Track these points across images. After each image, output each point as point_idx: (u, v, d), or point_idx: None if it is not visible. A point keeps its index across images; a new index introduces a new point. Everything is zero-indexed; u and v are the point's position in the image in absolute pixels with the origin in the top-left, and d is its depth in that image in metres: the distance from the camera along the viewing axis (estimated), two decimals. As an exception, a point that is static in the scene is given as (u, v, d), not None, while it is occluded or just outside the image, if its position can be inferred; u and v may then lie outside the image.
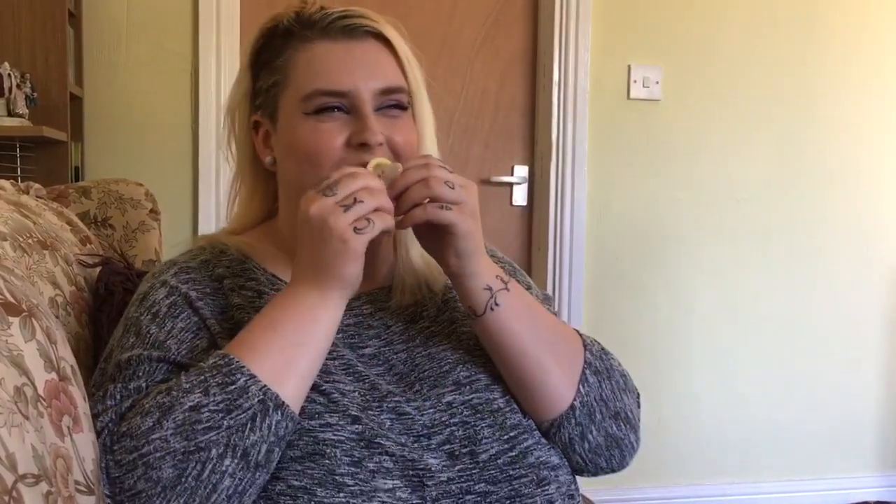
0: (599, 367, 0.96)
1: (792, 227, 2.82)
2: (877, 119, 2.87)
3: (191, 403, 0.78)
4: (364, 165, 0.88)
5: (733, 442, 2.81)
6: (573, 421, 0.92)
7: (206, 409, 0.78)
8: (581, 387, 0.93)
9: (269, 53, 0.94)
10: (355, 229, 0.80)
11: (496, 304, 0.89)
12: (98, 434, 0.80)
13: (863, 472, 2.90)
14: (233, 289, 0.93)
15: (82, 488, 0.71)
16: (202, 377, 0.79)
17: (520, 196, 2.77)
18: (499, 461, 0.87)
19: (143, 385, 0.84)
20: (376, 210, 0.81)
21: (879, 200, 2.88)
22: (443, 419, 0.87)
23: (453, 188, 0.84)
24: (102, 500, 0.75)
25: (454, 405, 0.89)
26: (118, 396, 0.83)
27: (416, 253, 0.97)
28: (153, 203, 1.39)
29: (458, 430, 0.87)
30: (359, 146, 0.88)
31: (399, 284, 0.97)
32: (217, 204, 2.48)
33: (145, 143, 2.44)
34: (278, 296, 0.85)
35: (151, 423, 0.78)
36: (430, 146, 0.96)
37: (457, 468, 0.85)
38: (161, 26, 2.43)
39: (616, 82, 2.69)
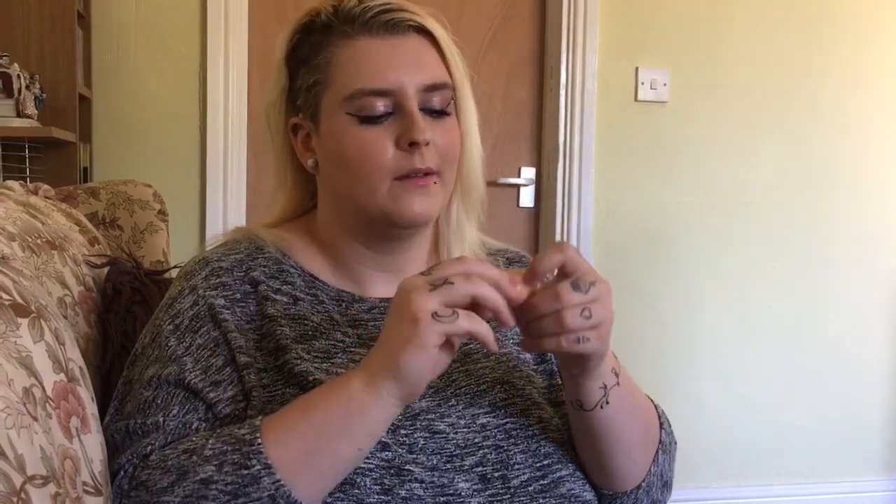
0: (667, 443, 0.93)
1: (799, 230, 2.82)
2: (885, 122, 2.86)
3: (203, 475, 0.75)
4: (416, 169, 0.85)
5: (739, 445, 2.81)
6: (633, 498, 0.91)
7: (214, 487, 0.74)
8: (652, 467, 0.91)
9: (307, 50, 0.91)
10: (434, 314, 0.71)
11: (607, 403, 0.83)
12: (114, 474, 0.79)
13: (869, 476, 2.89)
14: (267, 297, 0.89)
15: (90, 489, 0.71)
16: (224, 448, 0.76)
17: (527, 198, 2.77)
18: (530, 488, 0.84)
19: (161, 420, 0.82)
20: (471, 303, 0.72)
21: (887, 204, 2.87)
22: (476, 440, 0.85)
23: (590, 316, 0.74)
24: (110, 501, 0.75)
25: (488, 427, 0.86)
26: (139, 432, 0.82)
27: (458, 253, 0.95)
28: (161, 204, 1.39)
29: (491, 454, 0.84)
30: (408, 147, 0.85)
31: None
32: (224, 205, 2.48)
33: (153, 144, 2.45)
34: (337, 378, 0.78)
35: (166, 485, 0.76)
36: (474, 143, 0.93)
37: (488, 493, 0.82)
38: (169, 27, 2.44)
39: (623, 84, 2.68)
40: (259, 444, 0.74)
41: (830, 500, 2.83)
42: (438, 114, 0.89)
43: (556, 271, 0.76)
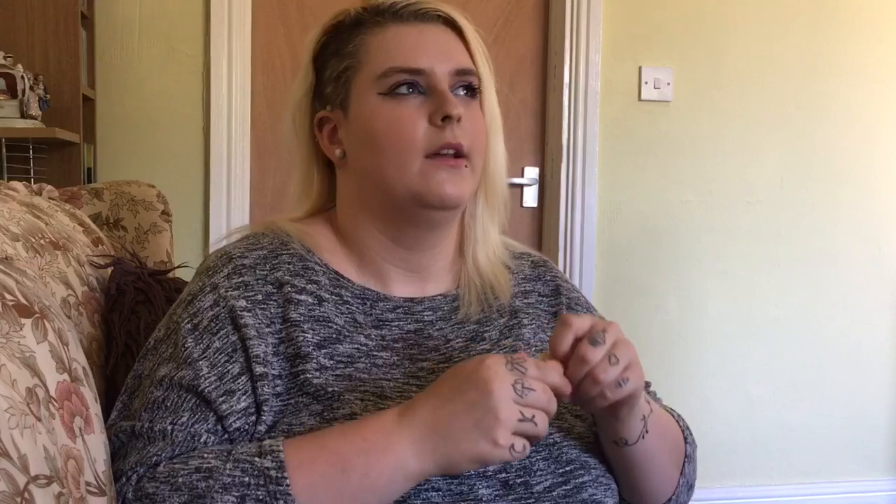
0: (691, 454, 0.96)
1: (804, 228, 2.81)
2: (889, 120, 2.85)
3: None
4: (447, 144, 0.86)
5: (744, 445, 2.80)
6: None
7: None
8: (680, 479, 0.94)
9: (338, 44, 0.93)
10: (512, 447, 0.73)
11: (647, 432, 0.86)
12: (117, 477, 0.77)
13: (874, 475, 2.89)
14: (290, 299, 0.87)
15: (93, 489, 0.71)
16: (246, 478, 0.73)
17: (530, 197, 2.77)
18: (553, 493, 0.84)
19: (169, 429, 0.79)
20: (535, 435, 0.75)
21: (892, 202, 2.86)
22: None
23: (618, 361, 0.78)
24: (114, 502, 0.75)
25: None
26: (146, 437, 0.80)
27: (482, 254, 0.96)
28: (165, 205, 1.39)
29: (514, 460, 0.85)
30: (441, 121, 0.87)
31: (465, 291, 0.95)
32: (228, 205, 2.48)
33: (157, 145, 2.46)
34: (371, 425, 0.76)
35: None
36: (498, 139, 0.95)
37: (510, 498, 0.82)
38: (172, 28, 2.44)
39: (627, 84, 2.68)
40: (287, 485, 0.72)
41: (837, 500, 2.82)
42: (467, 98, 0.91)
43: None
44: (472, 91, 0.92)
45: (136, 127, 2.45)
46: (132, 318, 1.06)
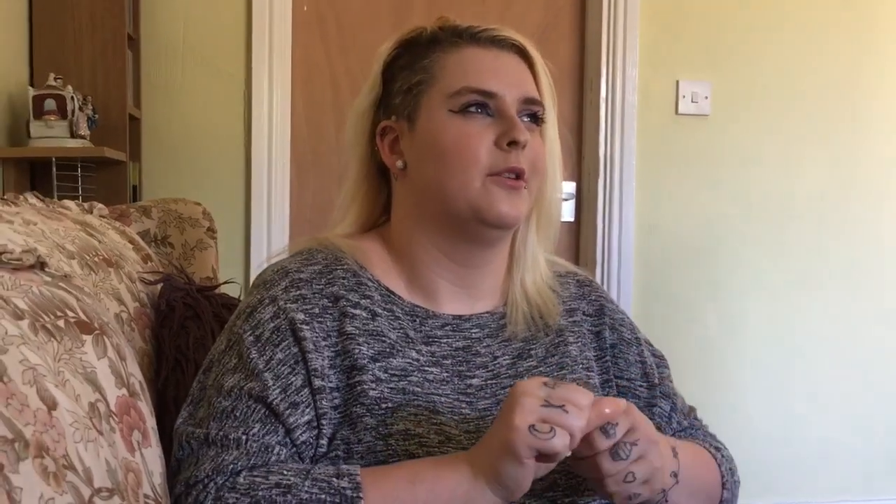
0: (729, 499, 0.97)
1: (844, 242, 2.78)
2: (933, 132, 2.81)
3: None
4: (511, 168, 0.89)
5: (785, 461, 2.76)
6: None
7: None
8: None
9: (411, 58, 0.96)
10: (532, 427, 0.73)
11: (666, 501, 0.85)
12: (191, 484, 0.79)
13: (921, 493, 2.83)
14: (346, 313, 0.89)
15: (151, 501, 0.73)
16: (322, 496, 0.77)
17: (567, 212, 2.77)
18: None
19: (242, 438, 0.82)
20: (570, 433, 0.73)
21: (936, 215, 2.82)
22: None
23: (626, 456, 0.76)
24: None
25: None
26: (219, 444, 0.82)
27: (530, 280, 0.98)
28: (210, 221, 1.42)
29: (561, 479, 0.85)
30: (507, 146, 0.89)
31: (512, 311, 0.97)
32: (269, 222, 2.52)
33: (199, 162, 2.50)
34: (444, 455, 0.82)
35: None
36: (556, 165, 0.98)
37: None
38: (215, 49, 2.49)
39: (664, 98, 2.68)
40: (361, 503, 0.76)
41: (881, 518, 2.77)
42: (531, 124, 0.93)
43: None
44: (536, 119, 0.94)
45: (180, 145, 2.50)
46: (181, 333, 1.08)
